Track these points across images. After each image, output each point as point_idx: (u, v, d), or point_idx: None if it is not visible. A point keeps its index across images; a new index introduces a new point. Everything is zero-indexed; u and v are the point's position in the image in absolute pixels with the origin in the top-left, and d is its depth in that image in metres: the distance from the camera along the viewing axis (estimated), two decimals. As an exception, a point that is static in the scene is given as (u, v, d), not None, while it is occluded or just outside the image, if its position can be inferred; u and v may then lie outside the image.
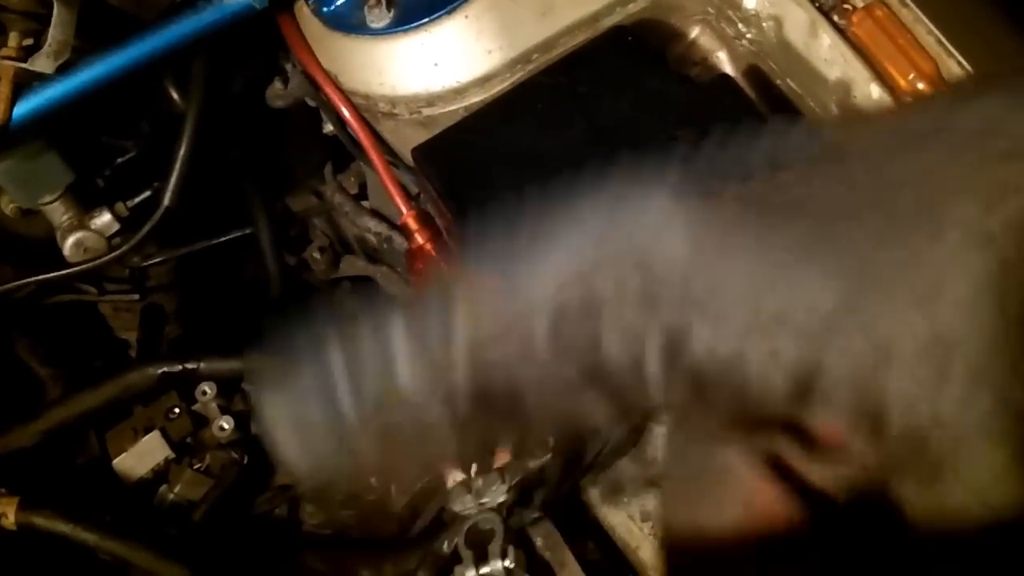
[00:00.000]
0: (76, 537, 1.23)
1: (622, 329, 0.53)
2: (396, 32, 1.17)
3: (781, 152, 0.50)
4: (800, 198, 0.48)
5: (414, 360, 0.59)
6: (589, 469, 1.15)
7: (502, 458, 1.01)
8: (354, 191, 1.51)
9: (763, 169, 0.51)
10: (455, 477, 0.96)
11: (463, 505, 0.95)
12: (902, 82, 1.02)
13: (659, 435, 1.19)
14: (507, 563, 0.93)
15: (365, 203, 1.48)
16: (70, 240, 1.31)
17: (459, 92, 1.17)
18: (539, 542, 1.17)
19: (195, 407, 1.42)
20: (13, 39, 1.16)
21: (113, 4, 1.38)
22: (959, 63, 1.01)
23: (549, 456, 0.98)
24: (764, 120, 1.09)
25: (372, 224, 1.42)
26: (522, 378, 0.56)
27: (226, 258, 1.60)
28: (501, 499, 0.94)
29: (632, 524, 1.15)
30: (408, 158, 1.17)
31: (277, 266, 1.48)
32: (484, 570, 0.94)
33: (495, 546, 0.93)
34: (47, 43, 1.16)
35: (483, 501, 0.94)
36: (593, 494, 1.17)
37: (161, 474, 1.38)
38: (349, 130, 1.26)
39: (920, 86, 1.00)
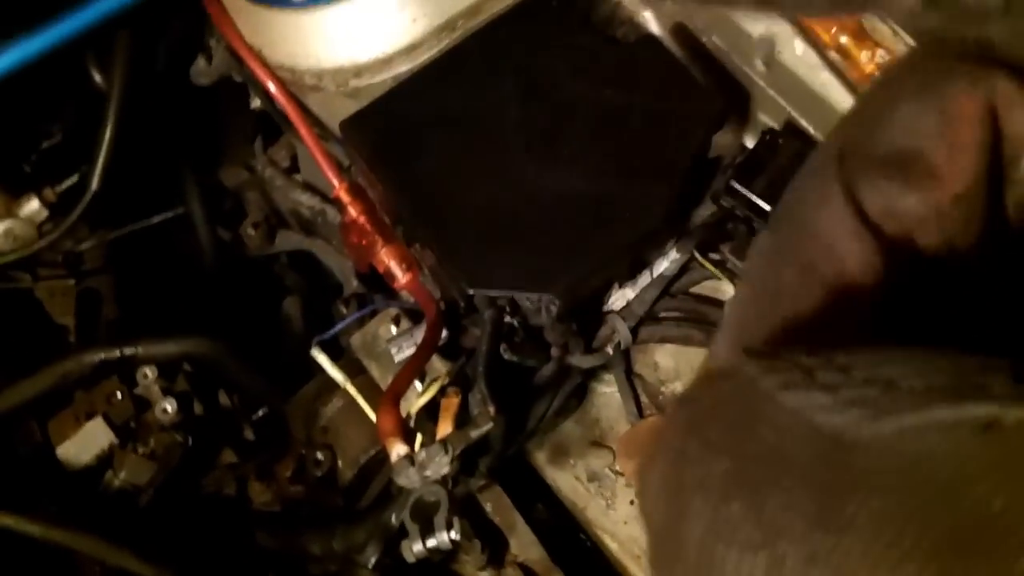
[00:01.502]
0: (21, 529, 1.21)
1: None
2: (320, 4, 1.16)
3: None
4: None
5: None
6: (533, 434, 1.15)
7: (444, 429, 1.01)
8: (286, 164, 1.49)
9: None
10: (398, 451, 0.95)
11: (407, 479, 0.95)
12: (826, 37, 1.02)
13: (601, 395, 1.20)
14: (452, 534, 0.93)
15: (297, 176, 1.47)
16: (-1, 229, 1.30)
17: (386, 62, 1.17)
18: (488, 507, 1.17)
19: (136, 390, 1.41)
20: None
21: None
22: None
23: (491, 425, 0.98)
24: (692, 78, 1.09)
25: (305, 198, 1.41)
26: None
27: (161, 236, 1.59)
28: (444, 471, 0.94)
29: (579, 484, 1.16)
30: (337, 130, 1.16)
31: (211, 243, 1.47)
32: (431, 542, 0.94)
33: (440, 518, 0.93)
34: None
35: (426, 474, 0.94)
36: (539, 457, 1.18)
37: (106, 460, 1.37)
38: (277, 105, 1.24)
39: (843, 40, 1.01)
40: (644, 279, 1.15)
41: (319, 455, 1.28)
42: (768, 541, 0.33)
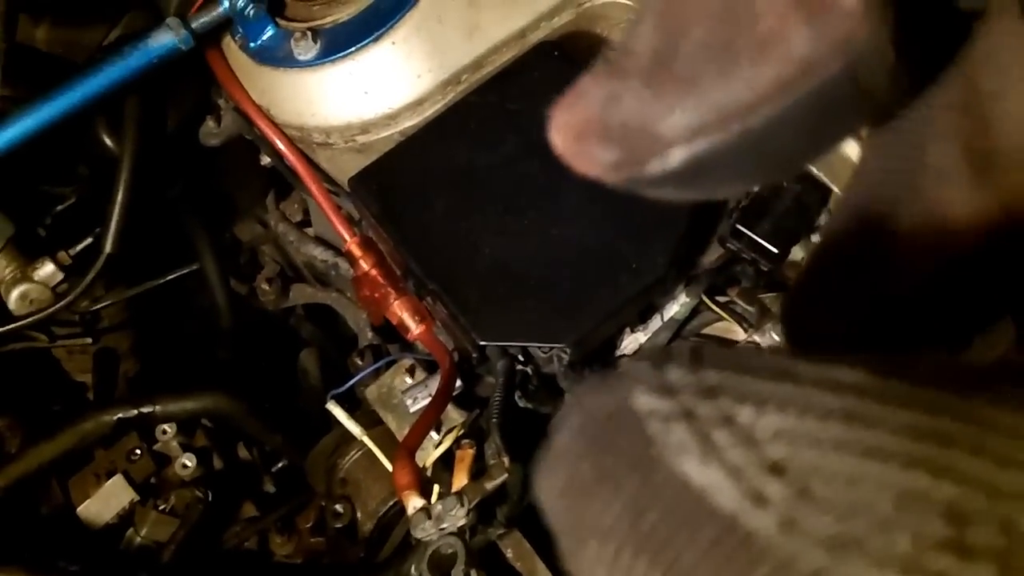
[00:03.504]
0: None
1: None
2: (324, 63, 1.18)
3: None
4: None
5: None
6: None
7: (459, 481, 1.01)
8: (298, 218, 1.51)
9: None
10: (414, 504, 0.96)
11: (424, 531, 0.95)
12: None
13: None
14: (471, 586, 0.94)
15: (309, 230, 1.48)
16: (14, 293, 1.31)
17: (392, 118, 1.18)
18: (509, 553, 1.18)
19: (156, 447, 1.42)
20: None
21: (41, 48, 1.38)
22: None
23: (506, 476, 0.98)
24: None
25: (318, 251, 1.43)
26: None
27: (177, 292, 1.60)
28: (461, 523, 0.95)
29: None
30: (346, 185, 1.17)
31: (226, 298, 1.49)
32: (449, 594, 0.95)
33: (457, 570, 0.94)
34: (-26, 100, 1.16)
35: (443, 526, 0.95)
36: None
37: (127, 518, 1.38)
38: (286, 162, 1.26)
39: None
40: (655, 323, 1.15)
41: (339, 507, 1.28)
42: None
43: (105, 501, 1.38)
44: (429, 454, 1.08)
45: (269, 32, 1.22)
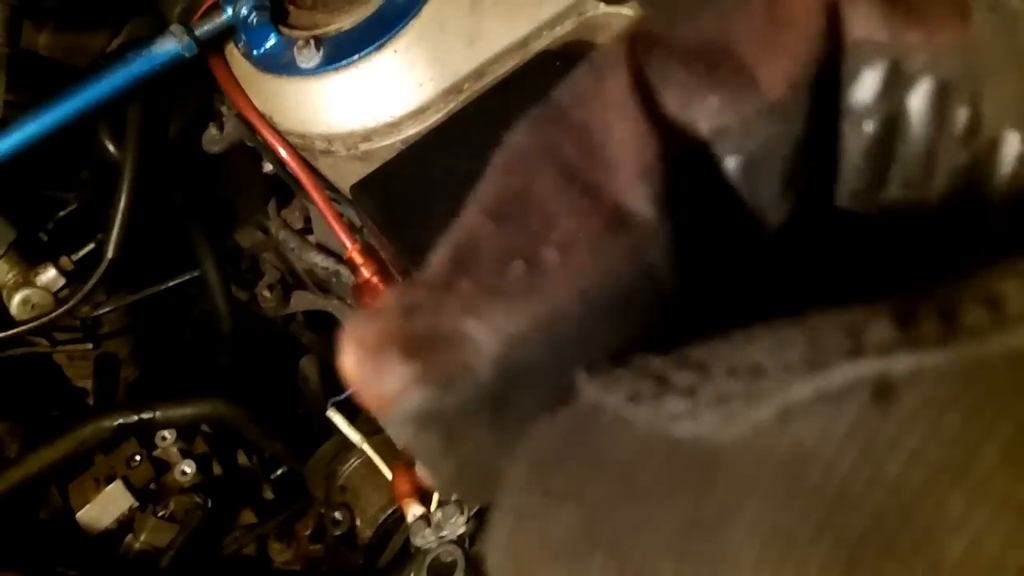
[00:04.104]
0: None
1: None
2: (327, 71, 1.18)
3: None
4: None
5: None
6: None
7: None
8: (299, 225, 1.51)
9: None
10: (414, 512, 0.96)
11: (424, 539, 0.96)
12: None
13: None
14: (470, 595, 0.94)
15: (311, 237, 1.48)
16: (16, 298, 1.31)
17: (394, 126, 1.18)
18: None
19: (156, 453, 1.42)
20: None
21: (45, 54, 1.38)
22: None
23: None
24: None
25: (319, 259, 1.43)
26: None
27: (178, 299, 1.61)
28: (460, 531, 0.95)
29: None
30: (348, 193, 1.17)
31: (227, 305, 1.49)
32: (449, 602, 0.95)
33: (457, 578, 0.94)
34: (-22, 106, 1.16)
35: (443, 534, 0.95)
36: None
37: (126, 523, 1.38)
38: (288, 169, 1.26)
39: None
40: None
41: (338, 515, 1.28)
42: None
43: (104, 506, 1.38)
44: (429, 462, 1.08)
45: (272, 40, 1.22)
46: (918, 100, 0.33)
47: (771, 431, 0.26)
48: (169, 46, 1.20)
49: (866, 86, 0.34)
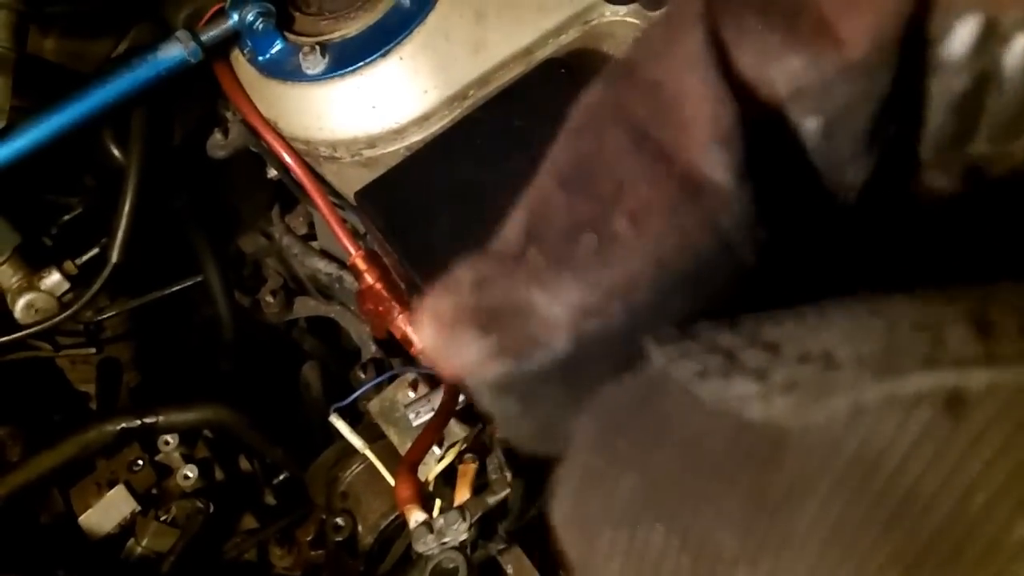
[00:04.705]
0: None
1: None
2: (332, 77, 1.18)
3: None
4: None
5: None
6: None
7: (461, 496, 1.02)
8: (303, 231, 1.52)
9: None
10: (416, 518, 0.96)
11: (426, 545, 0.96)
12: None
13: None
14: (472, 601, 0.94)
15: (314, 243, 1.49)
16: (20, 302, 1.31)
17: (399, 132, 1.19)
18: (509, 569, 1.18)
19: (158, 457, 1.42)
20: (-50, 109, 1.17)
21: (50, 59, 1.38)
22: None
23: (508, 491, 0.99)
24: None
25: (322, 265, 1.43)
26: None
27: (180, 304, 1.61)
28: (462, 537, 0.95)
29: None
30: (352, 199, 1.18)
31: (229, 310, 1.49)
32: (451, 609, 0.95)
33: (459, 585, 0.94)
34: (-16, 111, 1.16)
35: (445, 540, 0.95)
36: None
37: (128, 528, 1.38)
38: (292, 175, 1.27)
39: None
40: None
41: (339, 520, 1.28)
42: (700, 569, 0.28)
43: (106, 511, 1.38)
44: (431, 468, 1.09)
45: (277, 46, 1.23)
46: (1013, 57, 0.32)
47: (841, 425, 0.26)
48: (174, 52, 1.20)
49: (959, 42, 0.32)
